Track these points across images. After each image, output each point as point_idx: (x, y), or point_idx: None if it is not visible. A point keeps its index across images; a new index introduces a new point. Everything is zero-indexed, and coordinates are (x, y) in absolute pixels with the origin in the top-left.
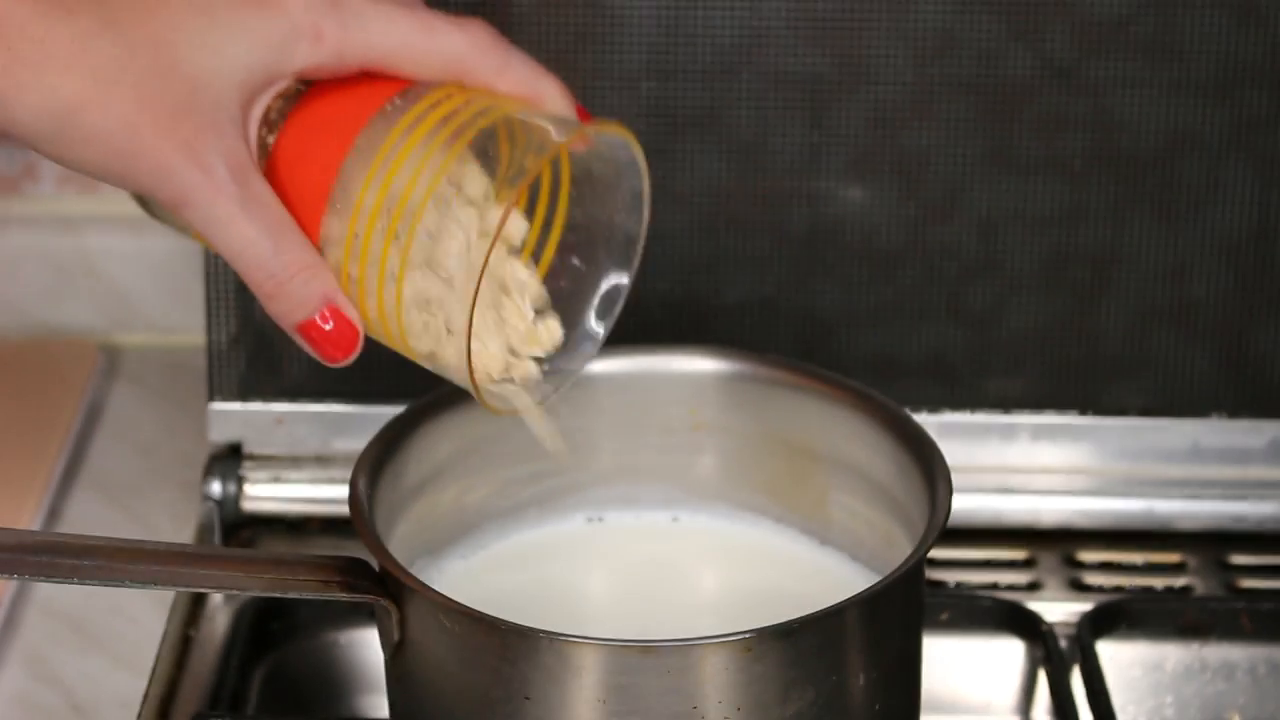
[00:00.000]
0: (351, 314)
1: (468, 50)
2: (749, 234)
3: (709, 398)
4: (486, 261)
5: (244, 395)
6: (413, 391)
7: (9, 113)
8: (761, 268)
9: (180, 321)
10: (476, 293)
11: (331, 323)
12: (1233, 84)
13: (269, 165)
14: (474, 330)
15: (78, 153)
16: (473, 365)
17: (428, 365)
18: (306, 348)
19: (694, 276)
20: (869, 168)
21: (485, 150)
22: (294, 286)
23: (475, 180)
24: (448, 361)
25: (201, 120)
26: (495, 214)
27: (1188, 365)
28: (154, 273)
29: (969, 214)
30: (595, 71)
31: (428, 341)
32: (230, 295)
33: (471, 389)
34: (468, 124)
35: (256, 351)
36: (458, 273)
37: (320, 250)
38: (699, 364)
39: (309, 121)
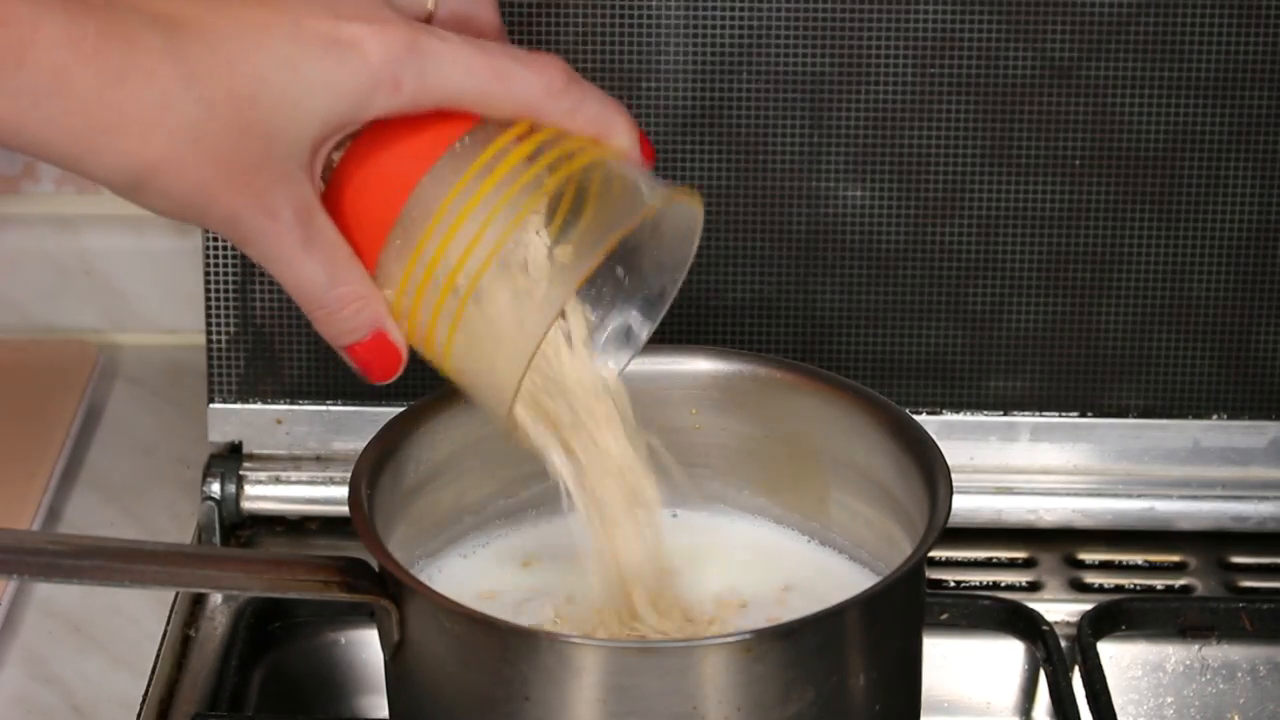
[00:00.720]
0: (397, 340)
1: (542, 95)
2: (749, 234)
3: (709, 398)
4: (546, 332)
5: (244, 395)
6: (413, 391)
7: (83, 169)
8: (761, 268)
9: (180, 321)
10: (532, 358)
11: (377, 348)
12: (1233, 83)
13: (332, 184)
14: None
15: (151, 204)
16: (514, 415)
17: (467, 392)
18: (351, 365)
19: (694, 276)
20: (869, 168)
21: (553, 205)
22: (344, 316)
23: (539, 240)
24: (486, 400)
25: (273, 172)
26: (562, 283)
27: (1188, 365)
28: (154, 273)
29: (969, 214)
30: (596, 71)
31: (471, 376)
32: (230, 295)
33: (504, 426)
34: (537, 179)
35: (256, 351)
36: (515, 332)
37: (376, 273)
38: (699, 364)
39: (376, 150)
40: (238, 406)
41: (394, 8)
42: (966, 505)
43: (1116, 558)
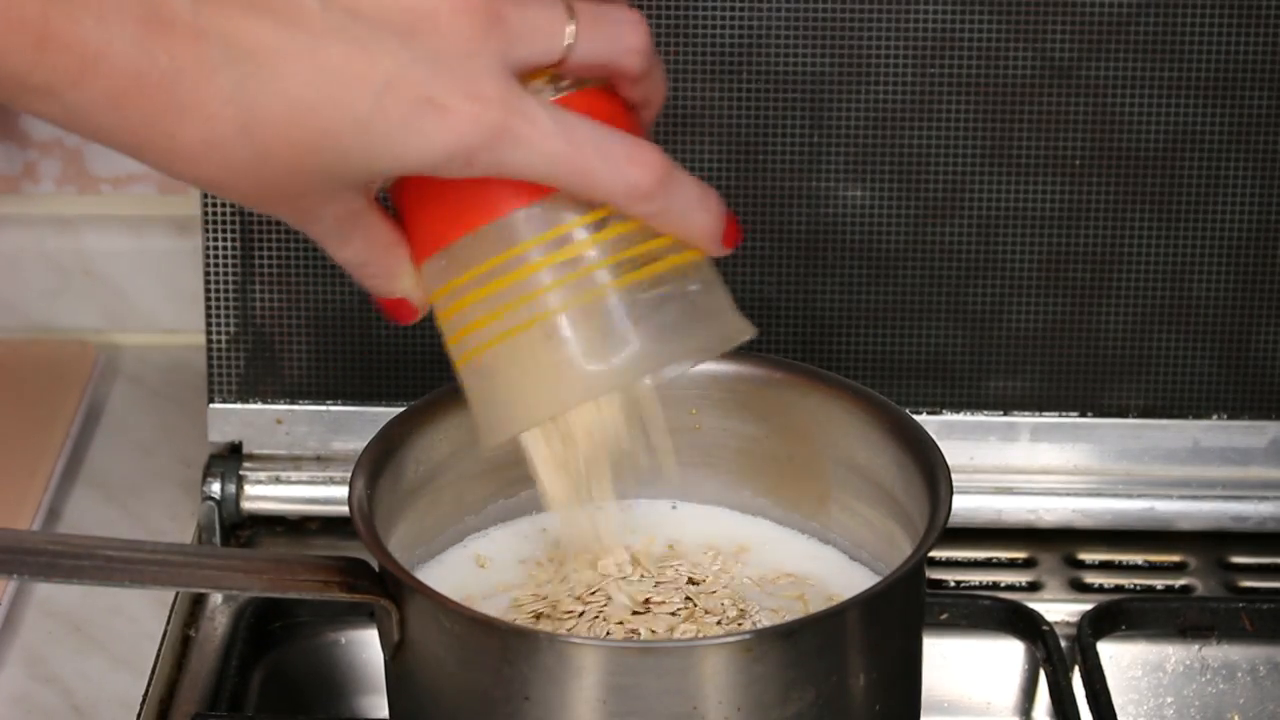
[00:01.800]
0: (417, 305)
1: (623, 197)
2: (749, 234)
3: (709, 398)
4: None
5: (244, 395)
6: (413, 391)
7: (136, 158)
8: (761, 268)
9: (180, 321)
10: (543, 421)
11: (395, 308)
12: (1233, 83)
13: (396, 185)
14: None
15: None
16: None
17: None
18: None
19: None
20: (869, 168)
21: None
22: (371, 285)
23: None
24: (484, 421)
25: (321, 196)
26: (604, 384)
27: (1188, 365)
28: (154, 273)
29: (969, 214)
30: None
31: (482, 394)
32: (230, 295)
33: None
34: (604, 274)
35: (256, 351)
36: (543, 392)
37: (424, 268)
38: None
39: (447, 183)
40: (238, 406)
41: (511, 61)
42: (966, 505)
43: (1116, 558)
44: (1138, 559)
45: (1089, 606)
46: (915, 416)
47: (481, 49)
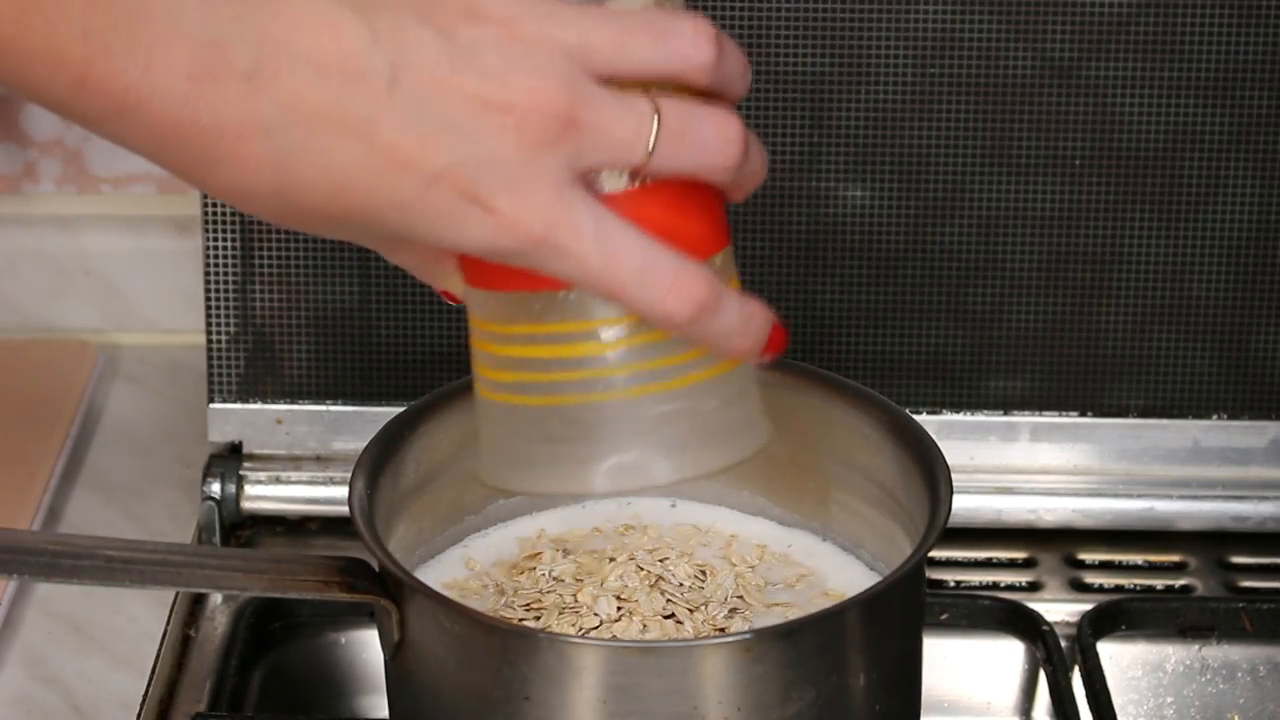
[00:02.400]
0: (457, 296)
1: (658, 322)
2: (749, 234)
3: None
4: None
5: (244, 395)
6: (413, 391)
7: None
8: (761, 268)
9: (180, 321)
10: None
11: (445, 294)
12: (1233, 83)
13: None
14: None
15: None
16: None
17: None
18: None
19: None
20: (869, 168)
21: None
22: (420, 280)
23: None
24: (488, 455)
25: (356, 238)
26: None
27: (1188, 365)
28: (154, 273)
29: (969, 214)
30: None
31: (487, 433)
32: (230, 295)
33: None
34: (630, 382)
35: (256, 351)
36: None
37: (469, 300)
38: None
39: None
40: (238, 406)
41: (579, 166)
42: (966, 505)
43: (1116, 558)
44: (1138, 559)
45: (1089, 606)
46: (915, 416)
47: (545, 154)
